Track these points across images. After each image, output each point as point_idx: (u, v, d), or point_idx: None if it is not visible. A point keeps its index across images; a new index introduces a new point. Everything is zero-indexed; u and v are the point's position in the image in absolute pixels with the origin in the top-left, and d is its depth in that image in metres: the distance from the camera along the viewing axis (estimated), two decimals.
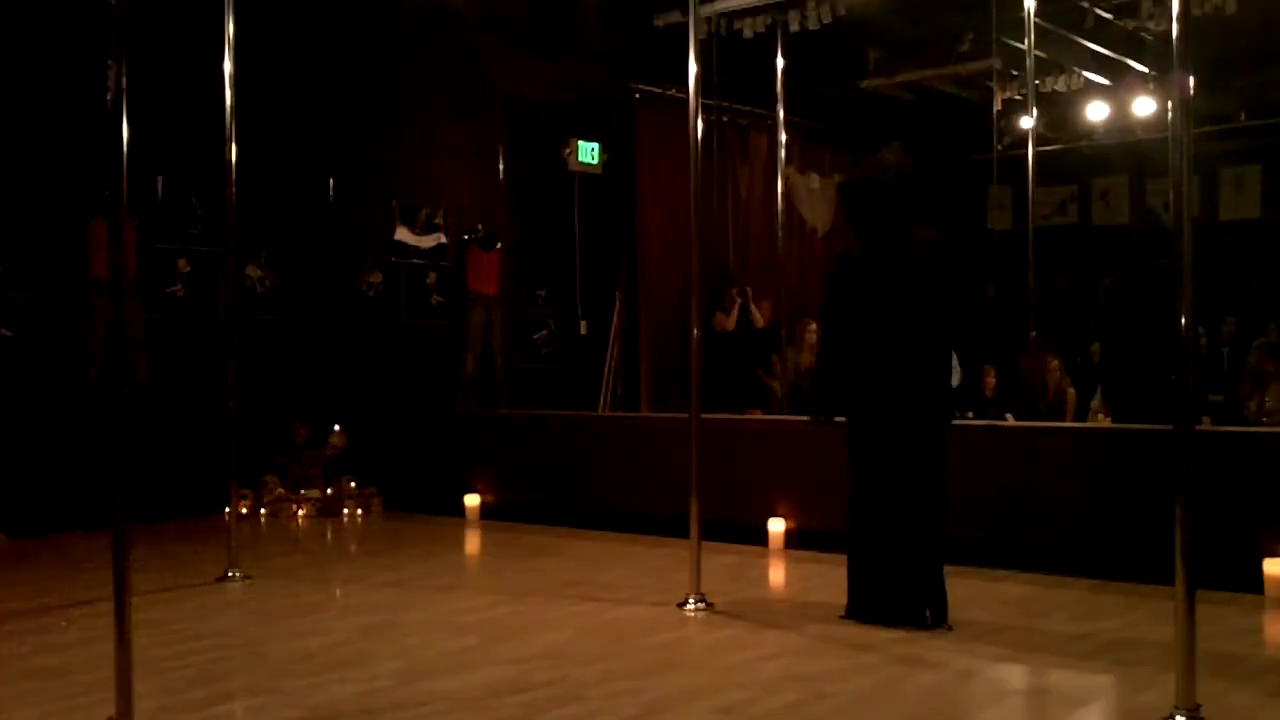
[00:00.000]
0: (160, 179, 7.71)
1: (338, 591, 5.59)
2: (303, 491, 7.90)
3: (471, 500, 7.70)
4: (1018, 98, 9.46)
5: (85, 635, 4.49)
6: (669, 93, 9.41)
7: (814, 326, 8.60)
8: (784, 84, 8.41)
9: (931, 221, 4.65)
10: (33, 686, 3.81)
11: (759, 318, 9.29)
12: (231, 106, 5.73)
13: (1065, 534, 5.57)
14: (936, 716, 3.49)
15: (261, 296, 8.23)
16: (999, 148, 9.12)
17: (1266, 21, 8.34)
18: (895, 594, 4.49)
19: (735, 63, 8.78)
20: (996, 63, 8.93)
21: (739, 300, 9.38)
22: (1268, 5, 8.06)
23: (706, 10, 7.59)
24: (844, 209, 4.82)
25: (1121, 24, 8.71)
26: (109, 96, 3.43)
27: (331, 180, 8.62)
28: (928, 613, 4.45)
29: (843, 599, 4.67)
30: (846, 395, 4.62)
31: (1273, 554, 5.01)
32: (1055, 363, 8.56)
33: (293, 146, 8.31)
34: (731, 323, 9.32)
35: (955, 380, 4.68)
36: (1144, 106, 10.25)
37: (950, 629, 4.43)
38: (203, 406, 7.36)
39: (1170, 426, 3.42)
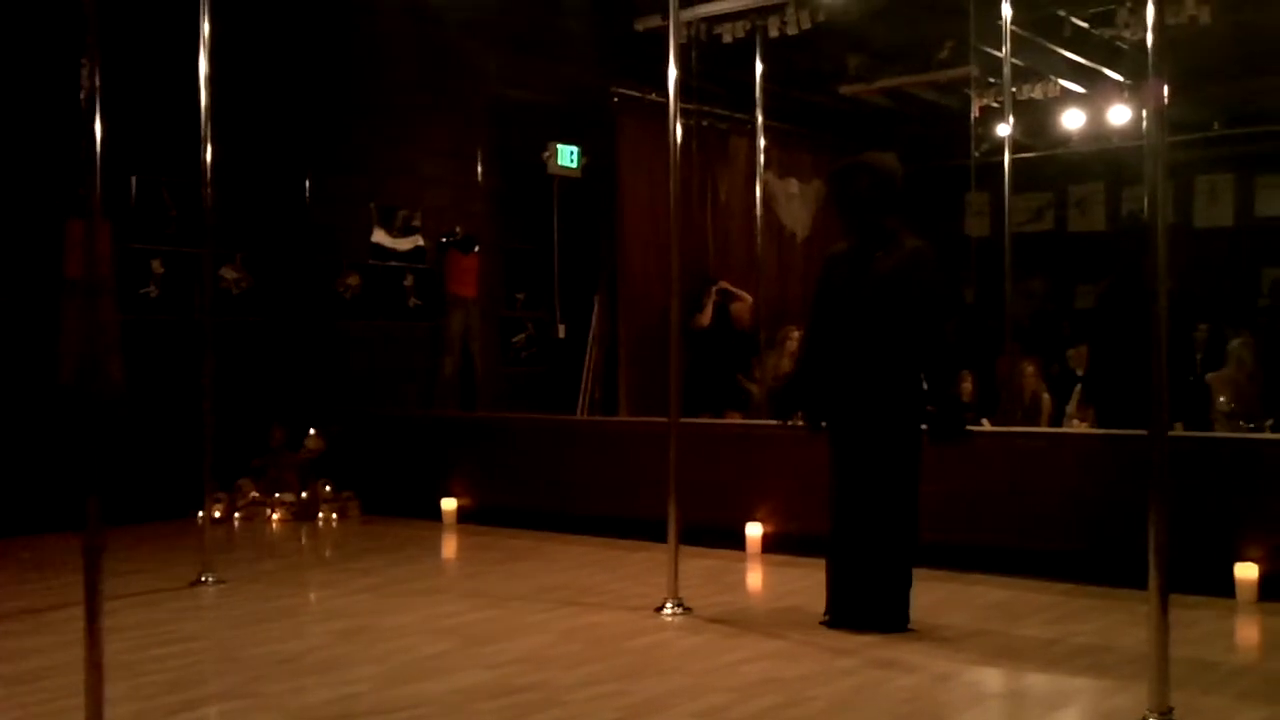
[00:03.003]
0: (134, 179, 7.65)
1: (313, 596, 5.56)
2: (278, 495, 7.84)
3: (449, 504, 7.67)
4: (995, 105, 9.52)
5: (57, 640, 4.44)
6: (649, 97, 9.41)
7: (795, 334, 8.62)
8: (763, 89, 8.42)
9: (914, 229, 4.67)
10: (2, 692, 3.76)
11: (742, 313, 9.28)
12: (207, 107, 5.68)
13: (1041, 538, 5.60)
14: (915, 719, 3.51)
15: (237, 298, 8.17)
16: (976, 154, 9.16)
17: (1241, 32, 8.43)
18: (868, 599, 4.50)
19: (715, 67, 8.79)
20: (974, 70, 8.98)
21: (716, 298, 9.38)
22: (1242, 16, 8.14)
23: (686, 15, 7.60)
24: (832, 197, 4.82)
25: (1098, 33, 8.78)
26: (83, 95, 3.40)
27: (308, 182, 8.57)
28: (901, 618, 4.47)
29: (821, 603, 4.68)
30: (824, 399, 4.62)
31: (1244, 558, 5.06)
32: (1031, 368, 8.62)
33: (269, 147, 8.26)
34: (707, 318, 9.30)
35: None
36: (1120, 115, 10.34)
37: (914, 632, 4.45)
38: (178, 409, 7.30)
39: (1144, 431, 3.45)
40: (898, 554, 4.48)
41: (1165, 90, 3.42)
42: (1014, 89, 8.29)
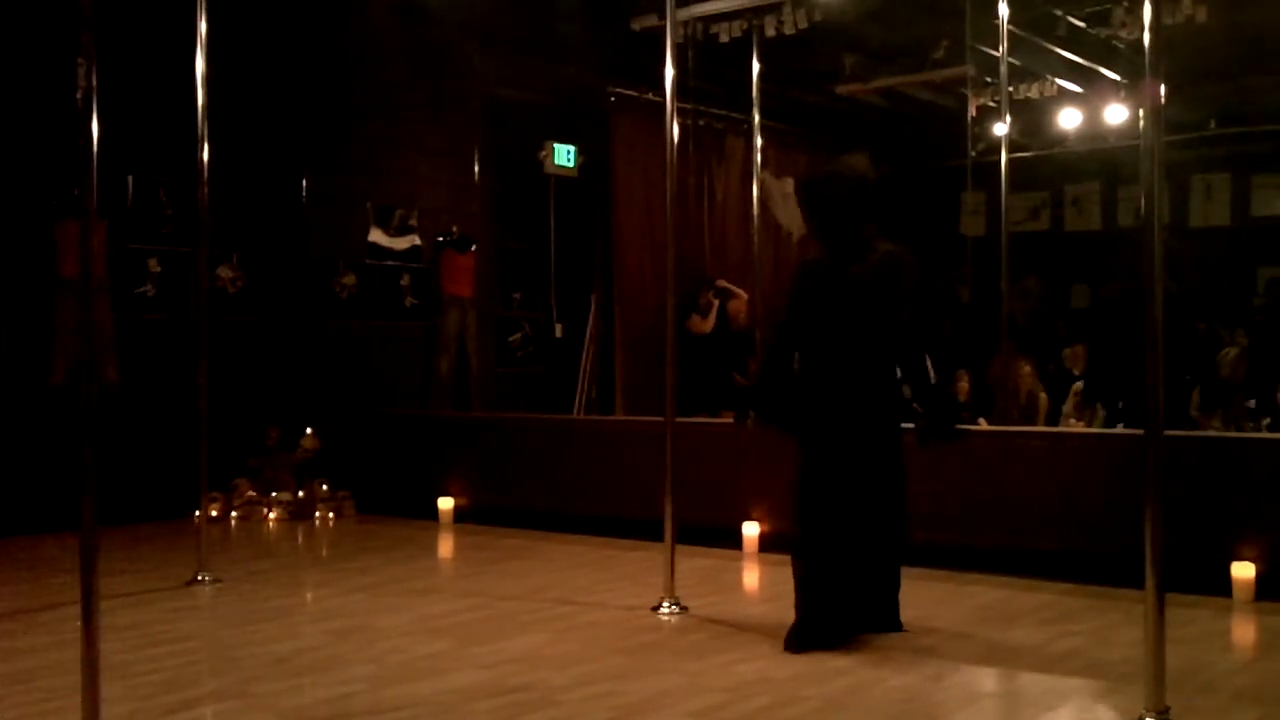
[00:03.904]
0: (130, 178, 7.64)
1: (309, 595, 5.55)
2: (274, 494, 7.84)
3: (445, 503, 7.66)
4: (991, 104, 9.53)
5: (53, 640, 4.44)
6: (645, 96, 9.41)
7: None
8: (760, 88, 8.42)
9: (901, 231, 4.64)
10: None
11: (739, 312, 9.28)
12: (204, 106, 5.68)
13: (1037, 538, 5.60)
14: (908, 719, 3.51)
15: (233, 297, 8.17)
16: (973, 154, 9.17)
17: (1237, 31, 8.44)
18: (862, 601, 4.47)
19: (711, 67, 8.79)
20: (971, 69, 8.99)
21: (715, 303, 9.38)
22: (1239, 15, 8.15)
23: (683, 14, 7.59)
24: (802, 207, 4.79)
25: (1094, 32, 8.79)
26: (79, 95, 3.39)
27: (304, 181, 8.56)
28: (894, 618, 4.47)
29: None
30: (793, 406, 4.55)
31: (1241, 558, 5.07)
32: (1027, 368, 8.62)
33: (265, 147, 8.25)
34: (709, 326, 9.32)
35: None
36: (1116, 114, 10.35)
37: (907, 632, 4.45)
38: (173, 409, 7.28)
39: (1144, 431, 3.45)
40: (892, 555, 4.48)
41: (1162, 90, 3.43)
42: (1010, 88, 8.29)
